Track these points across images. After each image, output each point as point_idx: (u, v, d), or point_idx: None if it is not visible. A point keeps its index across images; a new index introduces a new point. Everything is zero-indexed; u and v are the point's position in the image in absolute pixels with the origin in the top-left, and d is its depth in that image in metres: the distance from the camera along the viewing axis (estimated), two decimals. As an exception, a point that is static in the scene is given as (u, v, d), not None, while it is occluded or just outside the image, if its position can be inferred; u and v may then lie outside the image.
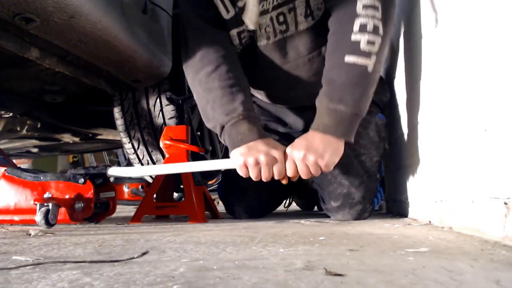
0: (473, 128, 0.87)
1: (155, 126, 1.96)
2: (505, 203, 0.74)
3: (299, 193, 2.23)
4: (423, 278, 0.53)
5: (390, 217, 1.61)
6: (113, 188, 1.50)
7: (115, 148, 3.42)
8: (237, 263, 0.65)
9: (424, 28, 1.24)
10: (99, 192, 1.44)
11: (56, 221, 1.25)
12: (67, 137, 2.61)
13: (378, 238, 0.94)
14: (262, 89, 1.61)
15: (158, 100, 1.93)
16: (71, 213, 1.30)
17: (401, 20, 1.56)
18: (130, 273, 0.59)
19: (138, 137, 2.02)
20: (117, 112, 2.01)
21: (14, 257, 0.73)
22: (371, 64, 1.20)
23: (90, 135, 2.64)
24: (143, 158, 2.09)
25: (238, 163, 1.27)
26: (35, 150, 2.94)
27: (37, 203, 1.26)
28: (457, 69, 0.97)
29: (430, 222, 1.19)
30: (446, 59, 1.04)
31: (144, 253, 0.76)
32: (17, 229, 1.32)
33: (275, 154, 1.24)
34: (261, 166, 1.24)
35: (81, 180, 1.34)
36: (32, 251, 0.81)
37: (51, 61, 1.43)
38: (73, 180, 1.34)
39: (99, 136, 2.68)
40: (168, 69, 1.77)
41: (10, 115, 2.12)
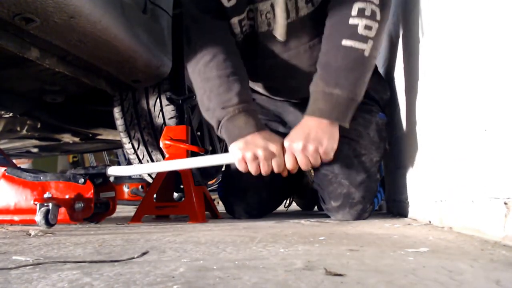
0: (473, 128, 0.87)
1: (155, 126, 1.96)
2: (505, 203, 0.74)
3: (299, 193, 2.23)
4: (423, 278, 0.53)
5: (390, 217, 1.61)
6: (113, 188, 1.50)
7: (115, 148, 3.42)
8: (237, 263, 0.65)
9: (423, 28, 1.24)
10: (99, 192, 1.44)
11: (56, 221, 1.25)
12: (67, 137, 2.61)
13: (378, 238, 0.94)
14: (262, 80, 1.59)
15: (158, 100, 1.93)
16: (71, 213, 1.30)
17: (400, 19, 1.56)
18: (130, 273, 0.59)
19: (138, 137, 2.02)
20: (117, 112, 2.01)
21: (14, 257, 0.73)
22: (368, 49, 1.20)
23: (90, 135, 2.63)
24: (143, 158, 2.09)
25: (236, 157, 1.26)
26: (35, 150, 2.94)
27: (37, 203, 1.26)
28: (457, 69, 0.97)
29: (430, 222, 1.19)
30: (446, 59, 1.04)
31: (144, 253, 0.76)
32: (17, 229, 1.32)
33: (273, 148, 1.24)
34: (260, 160, 1.24)
35: (81, 180, 1.34)
36: (32, 251, 0.81)
37: (51, 61, 1.43)
38: (73, 180, 1.34)
39: (99, 136, 2.68)
40: (168, 69, 1.77)
41: (10, 115, 2.12)
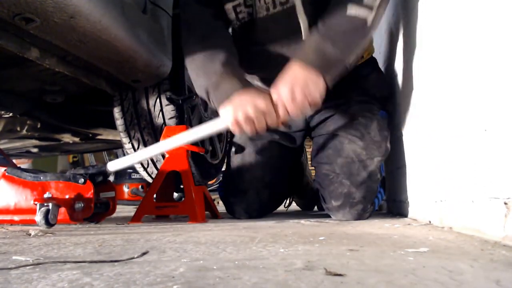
0: (473, 128, 0.87)
1: (155, 126, 1.96)
2: (505, 203, 0.74)
3: (299, 193, 2.23)
4: (423, 278, 0.53)
5: (390, 217, 1.61)
6: (113, 188, 1.50)
7: (115, 148, 3.41)
8: (237, 263, 0.65)
9: (424, 27, 1.24)
10: (99, 192, 1.44)
11: (56, 221, 1.25)
12: (67, 137, 2.60)
13: (378, 238, 0.94)
14: (260, 70, 1.57)
15: (158, 100, 1.92)
16: (71, 213, 1.30)
17: (401, 17, 1.55)
18: (130, 273, 0.59)
19: (138, 137, 2.02)
20: (117, 112, 2.01)
21: (14, 257, 0.73)
22: (370, 17, 1.21)
23: (90, 135, 2.63)
24: (143, 158, 2.09)
25: (229, 121, 1.24)
26: (35, 150, 2.94)
27: (37, 203, 1.26)
28: (457, 69, 0.97)
29: (430, 222, 1.19)
30: (446, 59, 1.04)
31: (144, 253, 0.76)
32: (17, 229, 1.32)
33: (262, 104, 1.21)
34: (253, 120, 1.22)
35: (81, 180, 1.34)
36: (32, 251, 0.81)
37: (51, 61, 1.43)
38: (73, 180, 1.34)
39: (99, 136, 2.67)
40: (168, 69, 1.77)
41: (10, 115, 2.12)
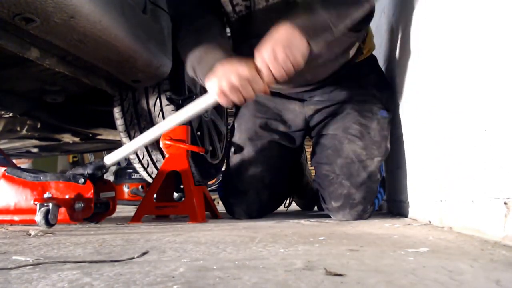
0: (473, 128, 0.87)
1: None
2: (505, 203, 0.74)
3: (299, 193, 2.23)
4: (423, 278, 0.53)
5: (390, 217, 1.61)
6: (113, 188, 1.50)
7: (115, 148, 3.41)
8: (237, 263, 0.65)
9: (424, 27, 1.24)
10: (99, 191, 1.44)
11: (56, 221, 1.25)
12: (67, 137, 2.60)
13: (378, 238, 0.94)
14: None
15: (158, 100, 1.92)
16: (71, 213, 1.30)
17: (402, 17, 1.55)
18: (130, 273, 0.59)
19: (138, 137, 2.02)
20: (117, 112, 2.01)
21: (14, 257, 0.73)
22: None
23: (90, 135, 2.63)
24: (143, 158, 2.09)
25: (215, 92, 1.23)
26: (35, 150, 2.94)
27: (37, 203, 1.26)
28: (457, 69, 0.97)
29: (430, 222, 1.19)
30: (446, 59, 1.04)
31: (144, 253, 0.76)
32: (17, 229, 1.32)
33: (244, 71, 1.19)
34: (239, 89, 1.20)
35: (81, 180, 1.34)
36: (32, 251, 0.81)
37: (51, 61, 1.43)
38: (73, 180, 1.34)
39: (99, 136, 2.67)
40: (168, 69, 1.77)
41: (10, 115, 2.11)
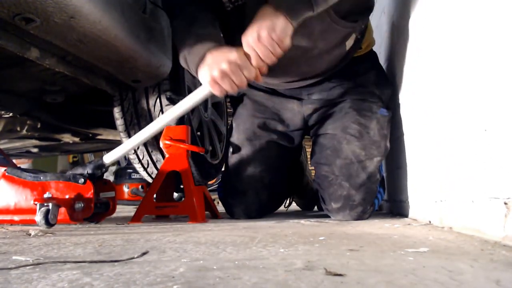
0: (473, 128, 0.87)
1: (155, 126, 1.96)
2: (505, 203, 0.74)
3: (299, 193, 2.23)
4: (423, 278, 0.53)
5: (390, 217, 1.61)
6: (113, 188, 1.50)
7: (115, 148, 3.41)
8: (237, 263, 0.65)
9: (424, 27, 1.24)
10: (99, 191, 1.44)
11: (56, 221, 1.25)
12: (67, 137, 2.60)
13: (378, 238, 0.94)
14: None
15: (158, 100, 1.92)
16: (71, 213, 1.30)
17: (402, 18, 1.55)
18: (130, 273, 0.59)
19: (138, 137, 2.02)
20: (117, 112, 2.01)
21: (14, 257, 0.73)
22: None
23: (90, 135, 2.63)
24: (143, 158, 2.09)
25: (206, 81, 1.24)
26: (35, 150, 2.94)
27: (37, 203, 1.26)
28: (457, 69, 0.97)
29: (430, 222, 1.19)
30: (447, 59, 1.04)
31: (144, 253, 0.76)
32: (17, 229, 1.32)
33: (235, 57, 1.20)
34: (230, 76, 1.21)
35: (81, 180, 1.34)
36: (32, 251, 0.81)
37: (51, 61, 1.43)
38: (73, 180, 1.34)
39: (99, 136, 2.67)
40: (168, 69, 1.77)
41: (10, 115, 2.11)
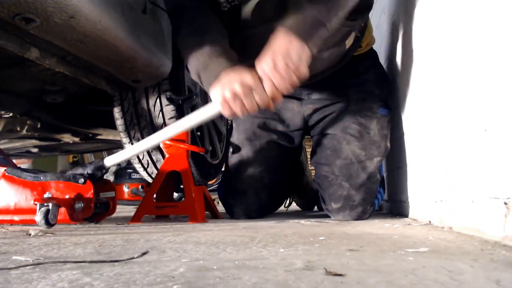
0: (473, 128, 0.87)
1: (155, 126, 1.96)
2: (505, 203, 0.74)
3: (299, 193, 2.23)
4: (423, 278, 0.53)
5: (390, 217, 1.61)
6: (113, 188, 1.50)
7: (115, 148, 3.41)
8: (237, 263, 0.65)
9: (424, 27, 1.24)
10: (99, 191, 1.44)
11: (56, 221, 1.25)
12: (67, 137, 2.60)
13: (378, 238, 0.94)
14: (252, 56, 1.47)
15: (158, 100, 1.92)
16: (71, 213, 1.30)
17: (403, 15, 1.56)
18: (130, 273, 0.59)
19: (138, 137, 2.02)
20: (117, 112, 2.01)
21: (14, 257, 0.73)
22: None
23: (90, 135, 2.63)
24: (143, 158, 2.09)
25: (218, 101, 1.22)
26: (35, 150, 2.94)
27: (37, 203, 1.26)
28: (457, 69, 0.97)
29: (430, 222, 1.19)
30: (447, 59, 1.04)
31: (144, 253, 0.76)
32: (17, 229, 1.32)
33: (248, 79, 1.18)
34: (241, 98, 1.19)
35: (81, 180, 1.34)
36: (32, 251, 0.81)
37: (51, 61, 1.43)
38: (73, 180, 1.34)
39: (99, 136, 2.67)
40: (168, 69, 1.77)
41: (10, 115, 2.11)
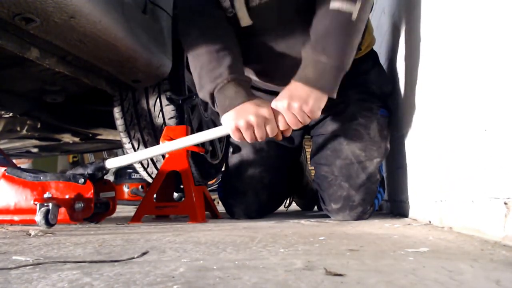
0: (473, 128, 0.87)
1: (155, 126, 1.96)
2: (505, 203, 0.74)
3: (299, 193, 2.23)
4: (423, 278, 0.53)
5: (390, 217, 1.61)
6: (113, 188, 1.50)
7: (115, 148, 3.41)
8: (237, 263, 0.65)
9: (424, 27, 1.24)
10: (99, 191, 1.44)
11: (56, 221, 1.25)
12: (67, 137, 2.60)
13: (378, 238, 0.94)
14: (255, 62, 1.52)
15: (158, 100, 1.92)
16: (71, 213, 1.30)
17: (403, 15, 1.56)
18: (130, 273, 0.59)
19: (138, 137, 2.02)
20: (117, 112, 2.01)
21: (14, 257, 0.73)
22: (355, 11, 1.19)
23: (90, 135, 2.63)
24: (143, 158, 2.09)
25: (230, 127, 1.26)
26: (35, 150, 2.94)
27: (37, 203, 1.26)
28: (458, 69, 0.97)
29: (430, 222, 1.19)
30: (447, 59, 1.04)
31: (144, 253, 0.76)
32: (17, 229, 1.32)
33: (264, 112, 1.23)
34: (254, 127, 1.23)
35: (81, 180, 1.34)
36: (32, 251, 0.81)
37: (51, 61, 1.43)
38: (73, 180, 1.34)
39: (99, 136, 2.67)
40: (168, 69, 1.77)
41: (10, 115, 2.12)
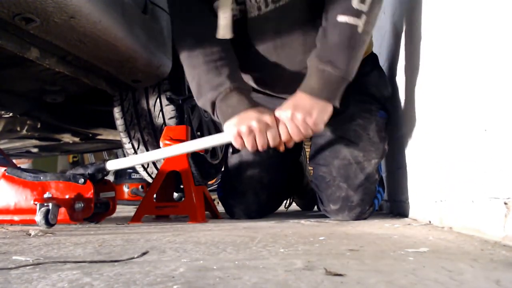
0: (473, 128, 0.87)
1: (155, 126, 1.96)
2: (505, 203, 0.74)
3: (299, 193, 2.23)
4: (423, 278, 0.53)
5: (390, 217, 1.61)
6: (113, 188, 1.50)
7: (115, 148, 3.41)
8: (237, 263, 0.65)
9: (424, 27, 1.24)
10: (99, 191, 1.44)
11: (56, 221, 1.25)
12: (67, 137, 2.61)
13: (378, 238, 0.94)
14: (253, 71, 1.52)
15: (158, 100, 1.93)
16: (71, 213, 1.30)
17: (404, 16, 1.56)
18: (130, 273, 0.59)
19: (138, 137, 2.02)
20: (117, 112, 2.01)
21: (14, 257, 0.73)
22: (361, 24, 1.19)
23: (90, 135, 2.63)
24: (143, 158, 2.10)
25: (232, 133, 1.26)
26: (35, 150, 2.94)
27: (37, 203, 1.26)
28: (457, 69, 0.97)
29: (430, 222, 1.19)
30: (447, 59, 1.04)
31: (144, 253, 0.76)
32: (17, 229, 1.32)
33: (267, 119, 1.23)
34: (255, 133, 1.23)
35: (81, 180, 1.34)
36: (32, 251, 0.81)
37: (51, 61, 1.43)
38: (73, 180, 1.34)
39: (99, 136, 2.68)
40: (168, 69, 1.77)
41: (10, 115, 2.12)
